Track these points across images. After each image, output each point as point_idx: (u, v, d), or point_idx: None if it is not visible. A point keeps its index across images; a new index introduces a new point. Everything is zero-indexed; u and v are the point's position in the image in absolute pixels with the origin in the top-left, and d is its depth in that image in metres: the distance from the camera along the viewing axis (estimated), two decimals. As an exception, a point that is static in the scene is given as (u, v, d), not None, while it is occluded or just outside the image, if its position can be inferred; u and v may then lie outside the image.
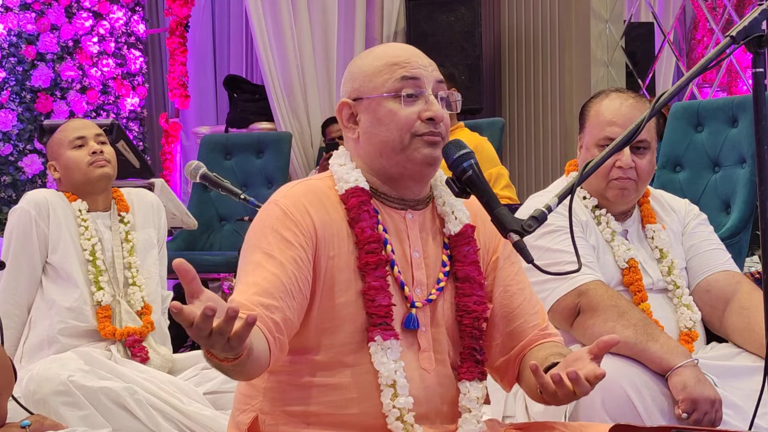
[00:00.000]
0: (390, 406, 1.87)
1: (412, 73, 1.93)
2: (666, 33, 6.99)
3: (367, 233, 1.90)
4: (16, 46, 6.79)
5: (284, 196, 1.92)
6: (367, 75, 1.96)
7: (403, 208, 1.98)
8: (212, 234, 5.79)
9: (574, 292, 2.52)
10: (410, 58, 1.96)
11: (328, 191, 1.95)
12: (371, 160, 1.96)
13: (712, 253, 2.77)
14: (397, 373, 1.87)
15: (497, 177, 4.92)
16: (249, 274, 1.84)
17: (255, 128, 7.16)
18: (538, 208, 1.89)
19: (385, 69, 1.94)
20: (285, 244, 1.85)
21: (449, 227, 2.01)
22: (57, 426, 2.66)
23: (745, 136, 3.93)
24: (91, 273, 3.15)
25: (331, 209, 1.93)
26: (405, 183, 1.97)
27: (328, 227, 1.90)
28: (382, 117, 1.93)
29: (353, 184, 1.93)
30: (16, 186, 6.69)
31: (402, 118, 1.91)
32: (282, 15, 6.95)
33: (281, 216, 1.88)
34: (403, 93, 1.92)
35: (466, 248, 1.99)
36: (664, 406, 2.38)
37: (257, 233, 1.89)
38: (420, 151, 1.92)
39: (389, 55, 1.97)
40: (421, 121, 1.92)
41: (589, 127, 2.69)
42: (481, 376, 2.00)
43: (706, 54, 2.18)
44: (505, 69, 7.25)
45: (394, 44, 2.05)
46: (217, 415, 2.95)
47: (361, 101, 1.95)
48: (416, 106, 1.92)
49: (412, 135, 1.91)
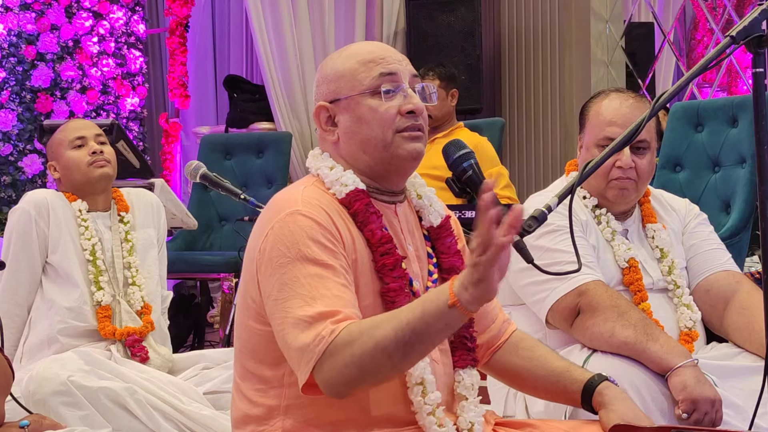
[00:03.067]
0: (421, 403, 1.86)
1: (389, 69, 1.93)
2: (666, 33, 6.99)
3: (378, 235, 1.89)
4: (16, 46, 6.79)
5: (303, 204, 1.85)
6: (342, 75, 1.94)
7: (392, 202, 1.98)
8: (212, 234, 5.78)
9: (574, 292, 2.51)
10: (384, 54, 1.95)
11: (328, 197, 1.92)
12: (355, 159, 1.94)
13: (713, 252, 2.77)
14: (425, 369, 1.86)
15: (497, 177, 4.92)
16: (316, 287, 1.76)
17: (255, 128, 7.16)
18: (538, 208, 1.89)
19: (361, 67, 1.93)
20: (331, 254, 1.81)
21: (429, 219, 2.02)
22: (56, 426, 2.66)
23: (745, 136, 3.93)
24: (91, 273, 3.15)
25: (338, 213, 1.90)
26: (390, 178, 1.96)
27: (344, 231, 1.88)
28: (362, 115, 1.92)
29: (352, 186, 1.91)
30: (16, 186, 6.69)
31: (383, 114, 1.91)
32: (282, 15, 6.95)
33: (315, 225, 1.82)
34: (382, 89, 1.91)
35: (449, 240, 2.00)
36: (664, 406, 2.37)
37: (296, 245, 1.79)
38: (404, 147, 1.91)
39: (363, 52, 1.96)
40: (401, 116, 1.91)
41: (589, 127, 2.69)
42: (473, 363, 2.01)
43: (706, 54, 2.18)
44: (505, 69, 7.25)
45: (364, 42, 2.04)
46: (217, 415, 2.94)
47: (339, 102, 1.94)
48: (395, 101, 1.92)
49: (394, 131, 1.91)
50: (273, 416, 1.87)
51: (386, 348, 1.68)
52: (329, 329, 1.71)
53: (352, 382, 1.73)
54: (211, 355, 3.29)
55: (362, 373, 1.71)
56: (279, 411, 1.87)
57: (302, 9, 6.99)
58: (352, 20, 7.14)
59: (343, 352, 1.70)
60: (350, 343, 1.70)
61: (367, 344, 1.69)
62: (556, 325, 2.60)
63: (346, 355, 1.70)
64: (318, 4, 7.03)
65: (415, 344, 1.69)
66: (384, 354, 1.68)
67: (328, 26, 7.07)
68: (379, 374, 1.73)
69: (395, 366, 1.71)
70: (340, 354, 1.70)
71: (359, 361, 1.69)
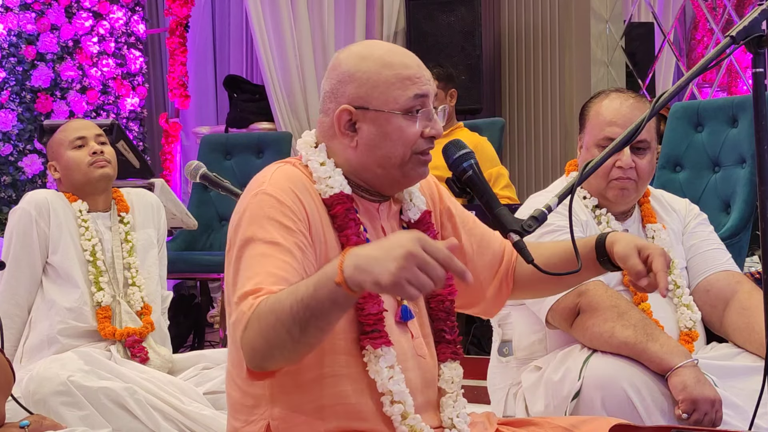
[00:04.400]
0: (390, 412, 1.86)
1: (423, 91, 1.91)
2: (666, 33, 6.99)
3: (353, 240, 1.88)
4: (16, 46, 6.79)
5: (270, 184, 1.86)
6: (376, 85, 1.90)
7: (377, 201, 1.99)
8: (212, 234, 5.78)
9: (574, 292, 2.51)
10: (419, 73, 1.92)
11: (305, 179, 1.91)
12: (364, 169, 1.93)
13: (713, 252, 2.77)
14: (391, 380, 1.85)
15: (497, 177, 4.92)
16: (256, 266, 1.77)
17: (255, 128, 7.16)
18: (538, 208, 1.89)
19: (397, 83, 1.89)
20: (286, 231, 1.81)
21: (408, 214, 2.02)
22: (56, 426, 2.66)
23: (745, 136, 3.93)
24: (92, 273, 3.15)
25: (314, 196, 1.90)
26: (389, 188, 1.98)
27: (314, 214, 1.88)
28: (390, 132, 1.89)
29: (337, 190, 1.91)
30: (16, 186, 6.69)
31: (410, 135, 1.90)
32: (282, 15, 6.95)
33: (276, 204, 1.83)
34: (417, 113, 1.90)
35: (427, 233, 1.99)
36: (664, 406, 2.38)
37: (253, 225, 1.82)
38: (416, 170, 1.92)
39: (398, 65, 1.91)
40: (423, 139, 1.91)
41: (589, 127, 2.69)
42: (453, 356, 2.00)
43: (706, 54, 2.18)
44: (505, 69, 7.25)
45: (396, 48, 1.98)
46: (217, 415, 2.94)
47: (367, 112, 1.90)
48: (420, 122, 1.91)
49: (413, 152, 1.91)
50: (260, 405, 1.89)
51: (285, 323, 1.67)
52: (249, 304, 1.72)
53: (263, 356, 1.73)
54: (211, 355, 3.29)
55: (270, 347, 1.71)
56: (265, 399, 1.88)
57: (302, 9, 6.99)
58: (352, 20, 7.14)
59: (254, 325, 1.71)
60: (259, 317, 1.70)
61: (269, 318, 1.69)
62: (556, 325, 2.60)
63: (256, 328, 1.70)
64: (318, 4, 7.03)
65: (309, 320, 1.66)
66: (284, 329, 1.67)
67: (328, 26, 7.07)
68: (285, 349, 1.71)
69: (297, 341, 1.69)
70: (252, 327, 1.71)
71: (266, 335, 1.70)
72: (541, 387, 2.55)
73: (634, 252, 1.93)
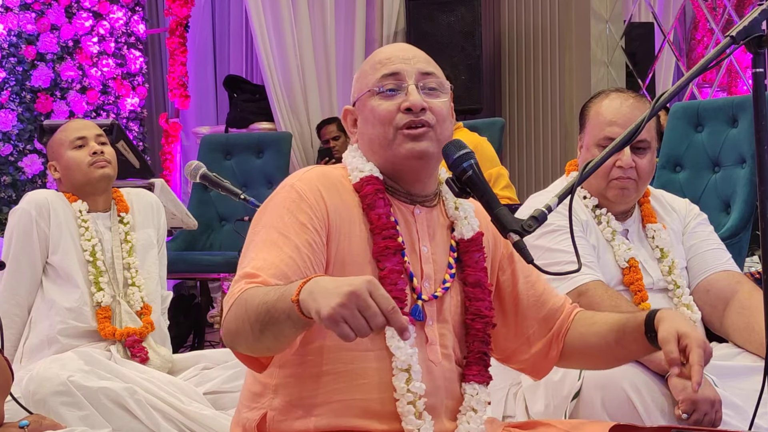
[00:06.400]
0: (404, 390, 1.86)
1: (391, 69, 1.97)
2: (666, 33, 6.99)
3: (383, 220, 1.92)
4: (16, 46, 6.79)
5: (299, 179, 1.93)
6: (358, 78, 2.03)
7: (411, 203, 2.00)
8: (212, 234, 5.79)
9: (574, 292, 2.51)
10: (392, 55, 2.00)
11: (342, 179, 1.98)
12: (375, 160, 1.99)
13: (713, 252, 2.77)
14: (413, 358, 1.87)
15: (497, 177, 4.92)
16: (264, 250, 1.83)
17: (255, 128, 7.16)
18: (538, 208, 1.89)
19: (370, 69, 2.00)
20: (300, 228, 1.86)
21: (462, 232, 2.03)
22: (56, 426, 2.66)
23: (745, 136, 3.93)
24: (92, 274, 3.15)
25: (344, 194, 1.95)
26: (402, 177, 1.99)
27: (341, 211, 1.92)
28: (367, 115, 1.98)
29: (368, 173, 1.96)
30: (16, 186, 6.69)
31: (381, 112, 1.95)
32: (282, 15, 6.95)
33: (297, 199, 1.89)
34: (382, 89, 1.96)
35: (477, 255, 2.02)
36: (664, 406, 2.38)
37: (273, 213, 1.89)
38: (403, 146, 1.94)
39: (378, 55, 2.03)
40: (401, 113, 1.94)
41: (589, 127, 2.69)
42: (488, 381, 2.03)
43: (706, 54, 2.17)
44: (505, 69, 7.25)
45: (390, 45, 2.10)
46: (217, 415, 2.94)
47: (356, 104, 2.02)
48: (396, 99, 1.95)
49: (395, 129, 1.94)
50: (265, 394, 1.92)
51: (249, 319, 1.70)
52: (240, 287, 1.77)
53: (231, 338, 1.77)
54: (211, 355, 3.29)
55: (237, 334, 1.75)
56: (270, 389, 1.92)
57: (302, 9, 7.00)
58: (352, 20, 7.14)
59: (233, 308, 1.75)
60: (239, 303, 1.74)
61: (242, 308, 1.73)
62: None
63: (233, 311, 1.75)
64: (318, 4, 7.03)
65: (267, 324, 1.68)
66: (248, 323, 1.71)
67: (328, 26, 7.07)
68: (246, 341, 1.75)
69: (255, 339, 1.72)
70: (232, 309, 1.75)
71: (236, 322, 1.74)
72: (541, 387, 2.55)
73: (674, 338, 1.89)
